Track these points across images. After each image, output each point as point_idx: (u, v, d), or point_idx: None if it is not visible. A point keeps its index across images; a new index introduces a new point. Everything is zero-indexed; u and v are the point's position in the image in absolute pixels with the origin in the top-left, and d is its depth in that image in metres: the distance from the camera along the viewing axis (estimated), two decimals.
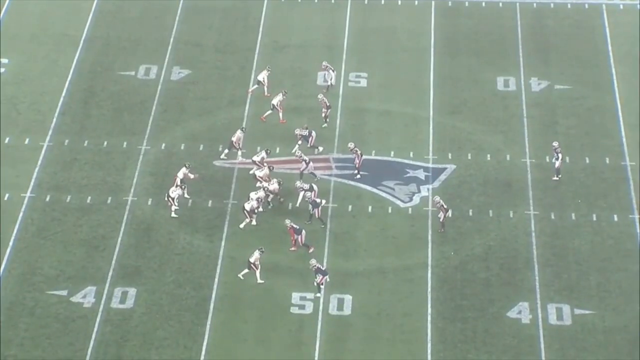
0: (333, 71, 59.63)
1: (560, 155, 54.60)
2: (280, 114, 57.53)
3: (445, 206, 50.34)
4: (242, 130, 54.72)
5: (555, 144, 55.11)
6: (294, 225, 50.07)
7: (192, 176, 53.03)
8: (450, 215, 50.39)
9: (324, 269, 48.73)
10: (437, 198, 50.82)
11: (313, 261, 48.61)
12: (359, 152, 54.47)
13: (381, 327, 47.52)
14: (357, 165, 54.52)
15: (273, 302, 48.63)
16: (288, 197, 53.45)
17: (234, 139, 54.34)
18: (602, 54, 62.33)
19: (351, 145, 54.65)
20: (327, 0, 66.72)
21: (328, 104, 56.99)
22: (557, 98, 59.70)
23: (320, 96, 57.11)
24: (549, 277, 49.78)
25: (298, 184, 52.10)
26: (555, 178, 54.97)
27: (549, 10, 65.89)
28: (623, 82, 60.36)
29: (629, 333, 47.16)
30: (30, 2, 66.29)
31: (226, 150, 55.08)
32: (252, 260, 49.28)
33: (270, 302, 48.62)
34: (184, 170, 52.81)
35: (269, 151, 54.31)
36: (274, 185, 52.44)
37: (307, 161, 53.74)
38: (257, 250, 49.04)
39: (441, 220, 50.55)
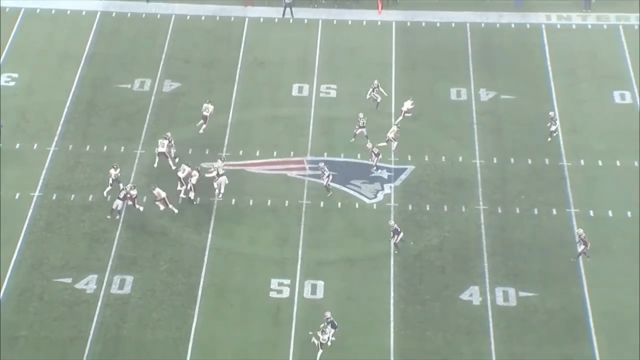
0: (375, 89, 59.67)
1: (556, 122, 56.45)
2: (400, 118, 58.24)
3: (399, 229, 50.32)
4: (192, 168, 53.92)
5: (552, 113, 56.75)
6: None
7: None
8: (402, 237, 50.37)
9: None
10: (392, 222, 50.85)
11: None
12: (375, 151, 54.93)
13: (350, 310, 48.02)
14: (374, 163, 55.01)
15: (254, 288, 49.12)
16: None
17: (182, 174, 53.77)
18: (542, 68, 62.60)
19: (369, 145, 55.12)
20: (301, 20, 66.79)
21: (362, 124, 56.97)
22: (503, 107, 59.98)
23: (360, 115, 57.06)
24: (496, 264, 50.30)
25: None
26: (549, 139, 56.60)
27: (496, 29, 66.20)
28: (559, 93, 60.68)
29: (567, 313, 47.87)
30: (38, 23, 66.16)
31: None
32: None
33: (251, 288, 49.12)
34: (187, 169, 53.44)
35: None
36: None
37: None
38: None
39: (396, 242, 50.49)
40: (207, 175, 53.36)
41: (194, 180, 52.87)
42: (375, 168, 55.09)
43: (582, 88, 61.27)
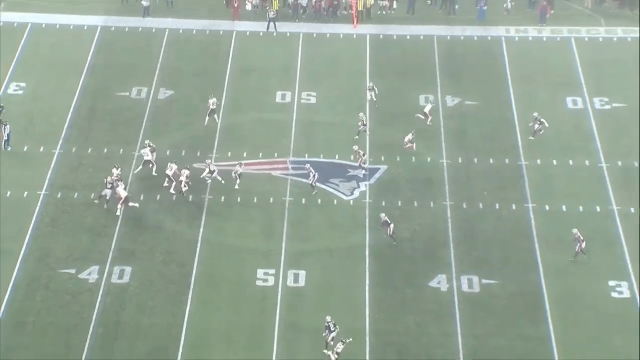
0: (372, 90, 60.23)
1: (541, 121, 56.45)
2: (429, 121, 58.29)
3: (389, 221, 50.30)
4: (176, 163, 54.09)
5: (536, 114, 56.76)
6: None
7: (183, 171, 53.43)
8: (393, 229, 50.40)
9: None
10: (383, 215, 50.74)
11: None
12: (361, 153, 54.86)
13: (329, 296, 47.98)
14: (360, 164, 54.85)
15: (242, 277, 48.99)
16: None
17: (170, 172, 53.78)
18: (502, 76, 62.71)
19: (355, 147, 55.10)
20: (284, 34, 66.71)
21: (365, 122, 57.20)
22: (467, 111, 60.01)
23: (360, 115, 57.32)
24: (461, 254, 50.31)
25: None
26: (531, 138, 56.86)
27: (460, 42, 66.27)
28: (518, 99, 60.79)
29: (526, 298, 47.97)
30: (44, 37, 65.97)
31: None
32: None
33: (239, 277, 49.00)
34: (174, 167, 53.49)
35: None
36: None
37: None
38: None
39: (390, 234, 50.40)
40: (202, 176, 53.59)
41: (183, 177, 52.76)
42: (361, 168, 54.99)
43: (539, 94, 61.32)
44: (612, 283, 48.58)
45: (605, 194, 53.80)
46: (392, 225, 50.20)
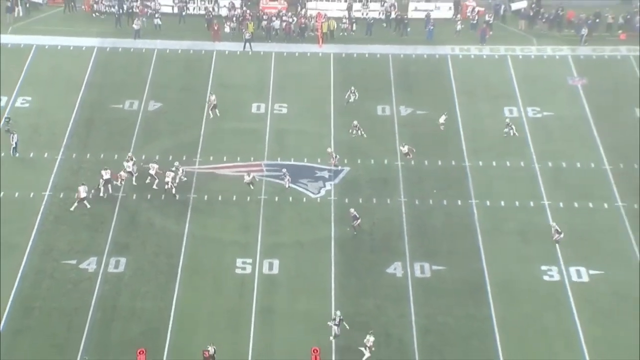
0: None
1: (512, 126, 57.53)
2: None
3: (357, 215, 50.37)
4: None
5: (508, 120, 57.81)
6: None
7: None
8: (360, 223, 50.62)
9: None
10: (352, 210, 50.80)
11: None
12: (334, 154, 55.15)
13: (299, 283, 48.10)
14: (334, 163, 55.04)
15: (222, 266, 49.05)
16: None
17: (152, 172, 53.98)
18: (448, 89, 62.91)
19: (329, 149, 55.38)
20: (258, 52, 66.62)
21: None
22: (418, 119, 60.06)
23: (355, 122, 57.94)
24: (414, 244, 50.47)
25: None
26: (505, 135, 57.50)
27: (412, 59, 66.39)
28: (462, 108, 60.92)
29: (470, 282, 48.33)
30: (47, 57, 65.54)
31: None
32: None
33: (220, 266, 49.05)
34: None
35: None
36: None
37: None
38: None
39: (354, 225, 50.48)
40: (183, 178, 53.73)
41: (168, 178, 52.81)
42: (335, 167, 55.13)
43: (479, 104, 61.51)
44: (543, 267, 48.98)
45: (537, 190, 54.12)
46: (359, 220, 50.23)
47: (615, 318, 46.17)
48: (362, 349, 43.68)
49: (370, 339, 43.53)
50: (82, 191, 51.82)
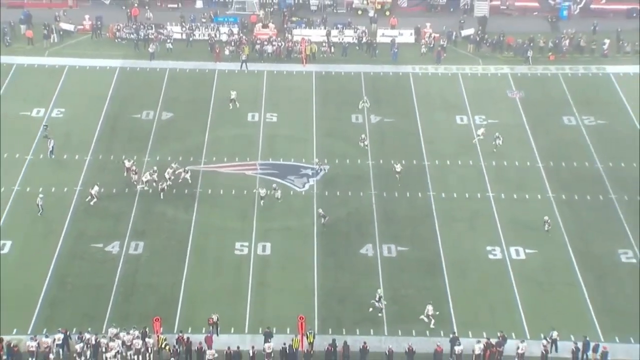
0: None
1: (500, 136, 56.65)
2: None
3: (324, 214, 49.87)
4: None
5: (497, 134, 56.84)
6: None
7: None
8: (327, 220, 50.11)
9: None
10: (320, 210, 50.28)
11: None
12: (317, 160, 55.10)
13: (287, 262, 47.92)
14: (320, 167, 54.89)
15: (224, 248, 48.81)
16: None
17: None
18: (410, 101, 62.66)
19: (316, 160, 55.18)
20: (252, 71, 66.09)
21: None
22: (385, 126, 59.78)
23: (363, 135, 57.26)
24: (383, 229, 50.27)
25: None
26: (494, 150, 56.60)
27: (380, 76, 66.12)
28: (422, 117, 60.64)
29: (428, 261, 48.26)
30: (77, 75, 64.95)
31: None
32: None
33: (222, 249, 48.82)
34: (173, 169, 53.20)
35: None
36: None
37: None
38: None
39: (323, 222, 49.97)
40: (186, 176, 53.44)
41: (168, 173, 52.78)
42: (322, 170, 54.80)
43: (436, 114, 61.32)
44: (488, 248, 48.92)
45: (483, 184, 54.01)
46: (327, 217, 49.81)
47: (546, 288, 46.23)
48: (424, 317, 43.50)
49: (429, 308, 43.45)
50: (94, 190, 51.51)
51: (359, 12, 75.17)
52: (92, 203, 51.01)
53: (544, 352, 41.62)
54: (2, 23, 69.70)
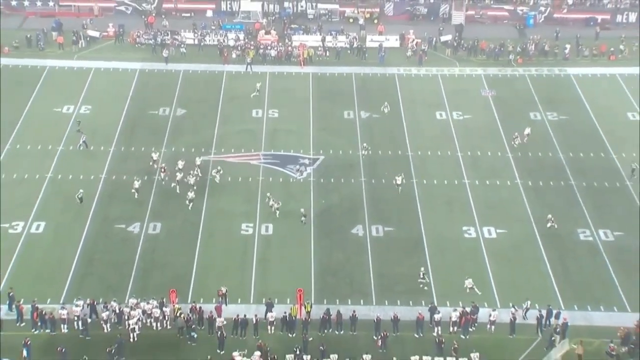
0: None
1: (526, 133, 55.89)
2: None
3: (305, 213, 48.78)
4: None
5: (516, 133, 56.11)
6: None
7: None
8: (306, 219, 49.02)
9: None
10: (302, 210, 49.30)
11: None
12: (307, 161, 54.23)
13: (288, 241, 47.70)
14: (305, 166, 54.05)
15: (231, 229, 48.54)
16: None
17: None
18: (396, 99, 62.18)
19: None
20: (257, 72, 65.57)
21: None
22: (373, 121, 59.40)
23: (365, 144, 55.57)
24: (372, 212, 50.01)
25: None
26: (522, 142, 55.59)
27: (369, 77, 65.67)
28: (406, 113, 60.21)
29: (411, 239, 48.06)
30: (102, 76, 64.42)
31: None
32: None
33: (230, 229, 48.55)
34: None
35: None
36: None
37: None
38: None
39: (303, 220, 48.73)
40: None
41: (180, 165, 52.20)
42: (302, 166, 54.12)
43: (418, 110, 60.93)
44: (464, 228, 48.75)
45: (460, 172, 53.80)
46: (306, 217, 48.81)
47: (515, 264, 46.12)
48: (467, 287, 43.43)
49: (469, 281, 43.45)
50: (136, 184, 50.89)
51: (351, 20, 74.77)
52: (136, 196, 50.33)
53: (512, 318, 41.59)
54: (36, 30, 69.33)
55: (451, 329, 41.68)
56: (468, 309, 42.05)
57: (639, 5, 74.74)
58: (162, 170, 52.01)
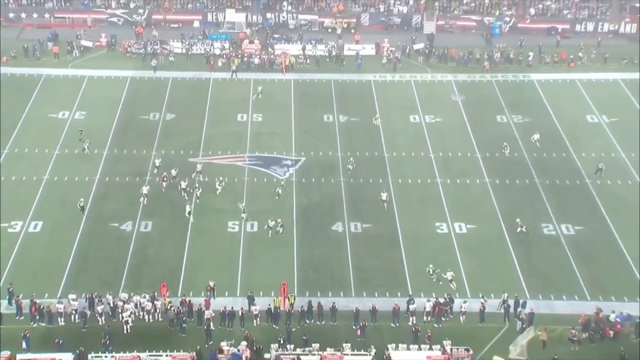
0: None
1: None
2: None
3: (281, 224, 47.73)
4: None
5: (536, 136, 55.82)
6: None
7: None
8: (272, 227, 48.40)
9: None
10: (270, 220, 48.12)
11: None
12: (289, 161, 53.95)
13: (272, 238, 47.40)
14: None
15: (219, 227, 48.26)
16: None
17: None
18: (372, 103, 62.20)
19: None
20: (241, 79, 65.30)
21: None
22: (351, 124, 59.31)
23: (351, 159, 54.50)
24: (350, 209, 49.88)
25: None
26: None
27: (347, 83, 65.61)
28: (382, 116, 59.99)
29: (388, 234, 48.02)
30: (96, 83, 63.95)
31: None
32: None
33: (217, 227, 48.26)
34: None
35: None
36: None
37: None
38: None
39: (269, 229, 47.74)
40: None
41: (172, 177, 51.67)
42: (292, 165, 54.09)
43: (393, 113, 60.90)
44: (437, 224, 48.79)
45: (432, 172, 53.79)
46: (272, 223, 48.15)
47: (484, 257, 46.20)
48: (448, 279, 43.24)
49: (450, 273, 43.31)
50: (144, 189, 50.18)
51: (329, 30, 74.71)
52: (145, 202, 49.52)
53: (481, 308, 41.71)
54: (33, 41, 68.68)
55: (425, 318, 41.70)
56: (442, 300, 42.09)
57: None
58: (163, 179, 51.14)
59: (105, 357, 37.88)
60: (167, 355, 37.94)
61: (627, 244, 46.81)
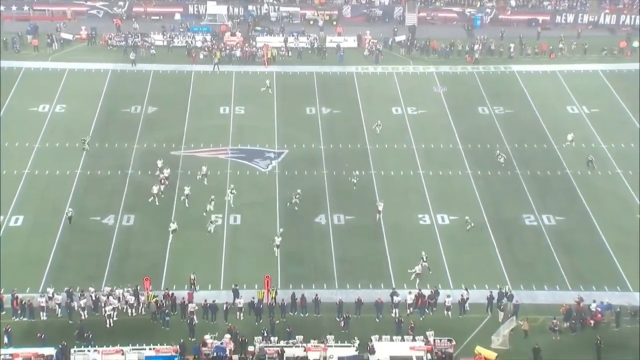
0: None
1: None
2: None
3: (213, 221, 47.46)
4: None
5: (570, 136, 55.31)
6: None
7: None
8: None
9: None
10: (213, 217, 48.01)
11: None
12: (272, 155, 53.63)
13: (255, 229, 47.35)
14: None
15: (203, 220, 47.86)
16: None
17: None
18: (354, 95, 62.20)
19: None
20: (223, 72, 64.96)
21: None
22: (335, 116, 59.23)
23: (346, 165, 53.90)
24: (333, 202, 49.85)
25: None
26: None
27: (330, 75, 65.51)
28: (364, 109, 60.10)
29: (371, 227, 47.96)
30: (76, 76, 63.30)
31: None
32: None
33: (201, 219, 47.88)
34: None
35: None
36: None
37: None
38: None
39: (210, 228, 47.36)
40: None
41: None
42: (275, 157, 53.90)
43: (376, 106, 60.85)
44: (419, 215, 48.89)
45: (415, 163, 53.84)
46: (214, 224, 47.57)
47: (466, 248, 46.34)
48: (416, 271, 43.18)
49: (417, 267, 43.14)
50: (155, 189, 49.44)
51: (311, 22, 74.46)
52: (157, 203, 48.80)
53: (462, 298, 41.85)
54: (12, 34, 67.87)
55: (408, 310, 41.80)
56: (425, 292, 42.18)
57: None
58: (163, 182, 50.46)
59: (89, 351, 37.60)
60: (150, 349, 37.73)
61: (607, 234, 47.19)
